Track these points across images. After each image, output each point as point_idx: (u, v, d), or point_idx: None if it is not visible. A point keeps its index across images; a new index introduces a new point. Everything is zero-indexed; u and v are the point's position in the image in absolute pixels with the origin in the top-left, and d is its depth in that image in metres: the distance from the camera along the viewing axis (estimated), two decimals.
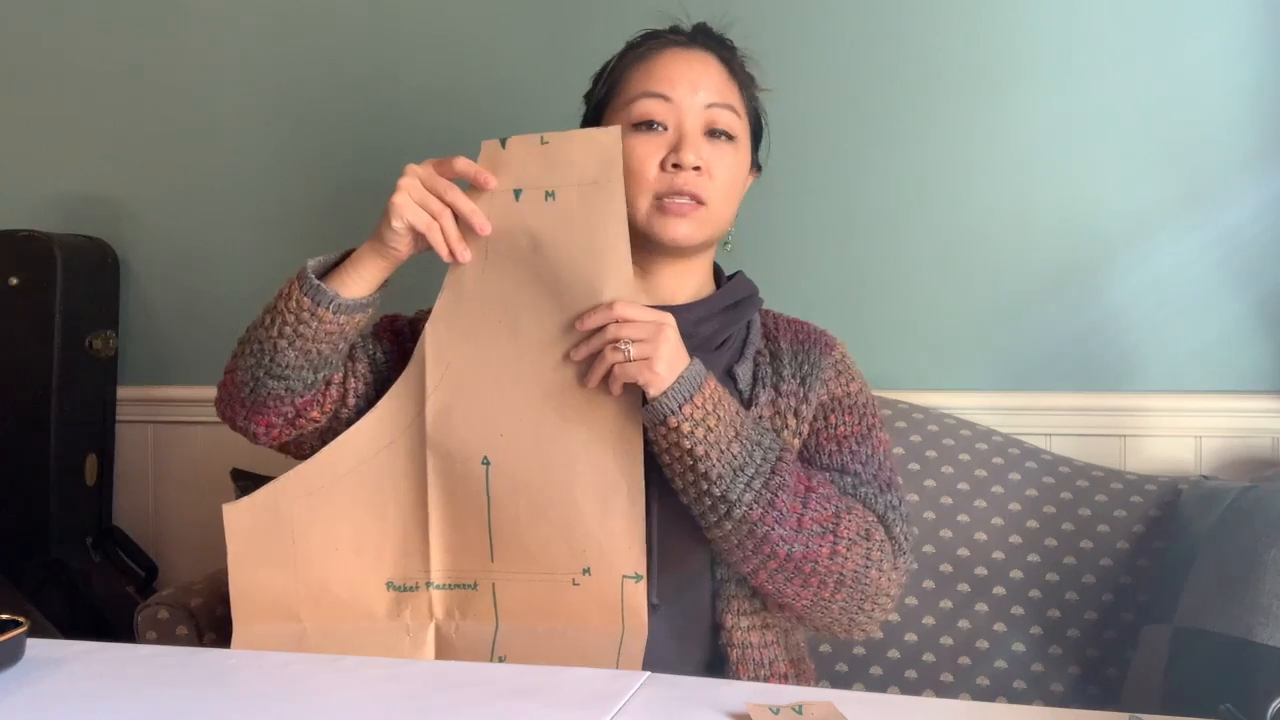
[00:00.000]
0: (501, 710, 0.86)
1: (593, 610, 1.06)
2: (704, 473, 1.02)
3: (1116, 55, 1.60)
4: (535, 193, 1.06)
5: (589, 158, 1.05)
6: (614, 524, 1.05)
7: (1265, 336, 1.57)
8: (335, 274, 1.09)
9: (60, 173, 2.03)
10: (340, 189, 1.88)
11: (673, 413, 1.01)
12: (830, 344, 1.23)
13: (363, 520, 1.11)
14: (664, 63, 1.17)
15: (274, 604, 1.11)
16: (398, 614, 1.11)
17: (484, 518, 1.08)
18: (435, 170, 1.06)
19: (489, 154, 1.07)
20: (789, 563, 1.04)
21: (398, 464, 1.10)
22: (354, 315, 1.08)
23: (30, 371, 1.87)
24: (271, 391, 1.10)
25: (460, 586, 1.10)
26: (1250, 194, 1.56)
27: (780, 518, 1.03)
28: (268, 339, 1.08)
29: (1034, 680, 1.41)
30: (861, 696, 0.91)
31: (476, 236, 1.06)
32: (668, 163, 1.13)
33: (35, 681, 0.91)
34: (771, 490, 1.03)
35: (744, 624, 1.13)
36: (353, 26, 1.89)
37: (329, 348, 1.09)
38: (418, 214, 1.05)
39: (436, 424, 1.09)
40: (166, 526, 1.99)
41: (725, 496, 1.02)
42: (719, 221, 1.17)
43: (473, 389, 1.08)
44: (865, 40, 1.68)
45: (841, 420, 1.18)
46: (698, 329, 1.16)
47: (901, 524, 1.11)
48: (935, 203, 1.66)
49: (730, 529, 1.03)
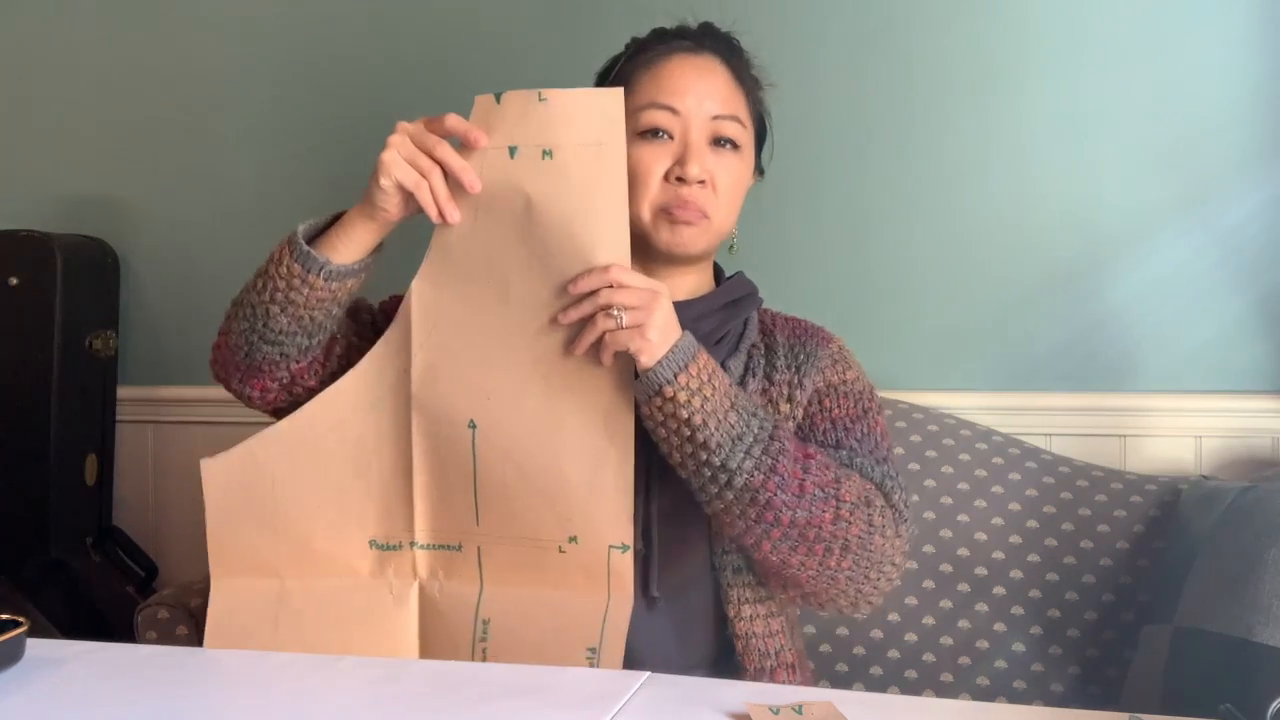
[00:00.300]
0: (500, 710, 0.86)
1: (578, 578, 1.05)
2: (703, 442, 1.01)
3: (1117, 55, 1.60)
4: (532, 150, 1.02)
5: (590, 118, 1.01)
6: (602, 493, 1.04)
7: (1265, 336, 1.57)
8: (325, 238, 1.07)
9: (60, 173, 2.04)
10: (341, 189, 1.86)
11: (668, 382, 1.00)
12: (827, 338, 1.24)
13: (345, 478, 1.09)
14: (671, 71, 1.17)
15: (253, 559, 1.11)
16: (381, 572, 1.10)
17: (470, 481, 1.07)
18: (426, 127, 1.03)
19: (483, 110, 1.03)
20: (793, 529, 1.03)
21: (382, 423, 1.09)
22: (345, 281, 1.07)
23: (30, 371, 1.87)
24: (266, 356, 1.09)
25: (445, 548, 1.09)
26: (1250, 194, 1.56)
27: (782, 483, 1.01)
28: (259, 304, 1.07)
29: (1034, 680, 1.41)
30: (861, 696, 0.91)
31: (466, 195, 1.03)
32: (672, 175, 1.14)
33: (35, 681, 0.91)
34: (772, 456, 1.02)
35: (747, 613, 1.12)
36: (355, 26, 1.89)
37: (322, 314, 1.08)
38: (406, 171, 1.02)
39: (422, 384, 1.07)
40: (166, 526, 1.99)
41: (725, 465, 1.01)
42: (721, 230, 1.18)
43: (460, 350, 1.06)
44: (865, 40, 1.68)
45: (837, 404, 1.18)
46: (696, 325, 1.16)
47: (900, 492, 1.11)
48: (935, 203, 1.66)
49: (732, 498, 1.02)
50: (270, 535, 1.10)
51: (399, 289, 1.20)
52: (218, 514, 1.11)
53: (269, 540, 1.10)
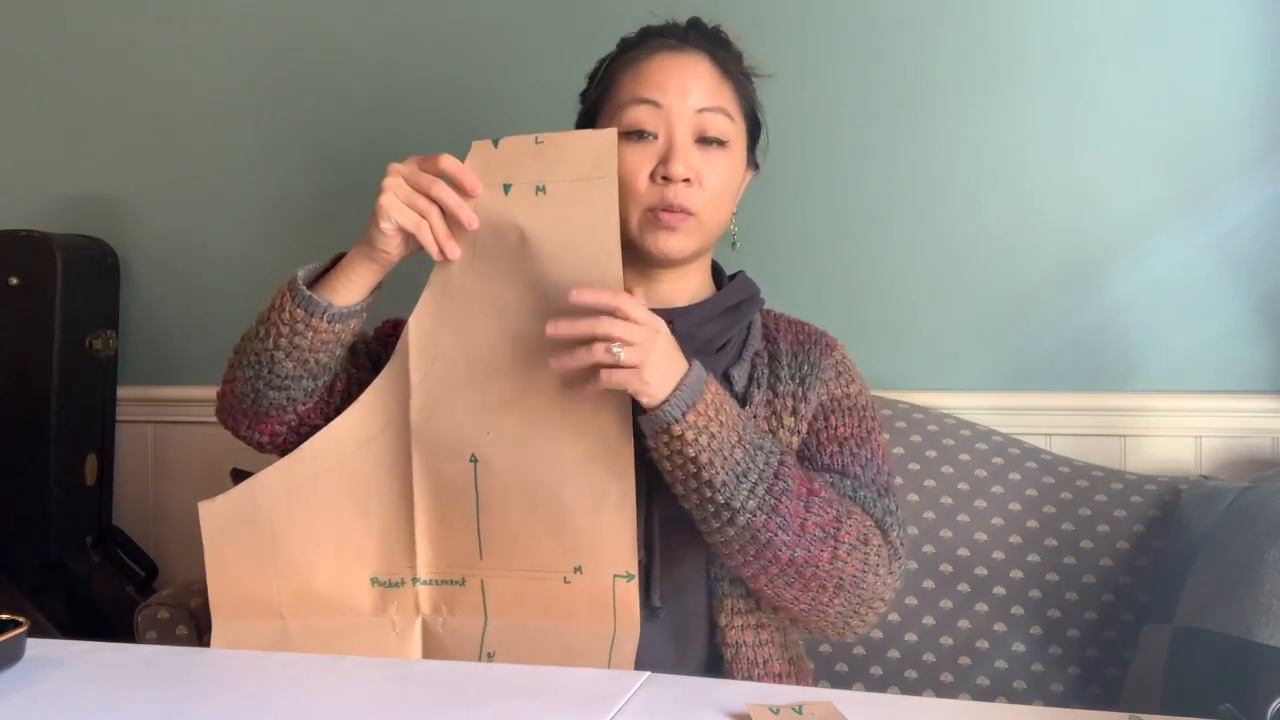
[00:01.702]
0: (501, 710, 0.86)
1: (584, 608, 1.05)
2: (707, 480, 1.01)
3: (1117, 55, 1.60)
4: (525, 187, 1.03)
5: (584, 156, 1.03)
6: (605, 522, 1.04)
7: (1265, 336, 1.57)
8: (326, 281, 1.07)
9: (60, 173, 2.04)
10: (341, 189, 1.88)
11: (675, 421, 0.99)
12: (830, 345, 1.23)
13: (345, 515, 1.10)
14: (654, 67, 1.16)
15: (254, 601, 1.10)
16: (383, 610, 1.10)
17: (472, 515, 1.07)
18: (419, 167, 1.04)
19: (480, 154, 1.04)
20: (790, 568, 1.04)
21: (381, 459, 1.09)
22: (349, 322, 1.07)
23: (30, 371, 1.87)
24: (273, 402, 1.09)
25: (447, 583, 1.09)
26: (1250, 194, 1.56)
27: (783, 524, 1.02)
28: (264, 351, 1.07)
29: (1034, 680, 1.41)
30: (861, 696, 0.91)
31: (465, 231, 1.04)
32: (657, 174, 1.12)
33: (35, 681, 0.91)
34: (775, 496, 1.02)
35: (738, 623, 1.12)
36: (354, 27, 1.89)
37: (326, 355, 1.08)
38: (405, 214, 1.02)
39: (422, 420, 1.07)
40: (166, 526, 1.99)
41: (729, 504, 1.01)
42: (710, 230, 1.16)
43: (459, 385, 1.07)
44: (865, 40, 1.68)
45: (842, 422, 1.17)
46: (698, 331, 1.16)
47: (898, 529, 1.11)
48: (935, 203, 1.66)
49: (733, 535, 1.02)
50: (272, 576, 1.10)
51: (388, 312, 1.20)
52: (217, 556, 1.10)
53: (270, 581, 1.10)
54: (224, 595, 1.11)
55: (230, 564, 1.10)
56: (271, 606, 1.10)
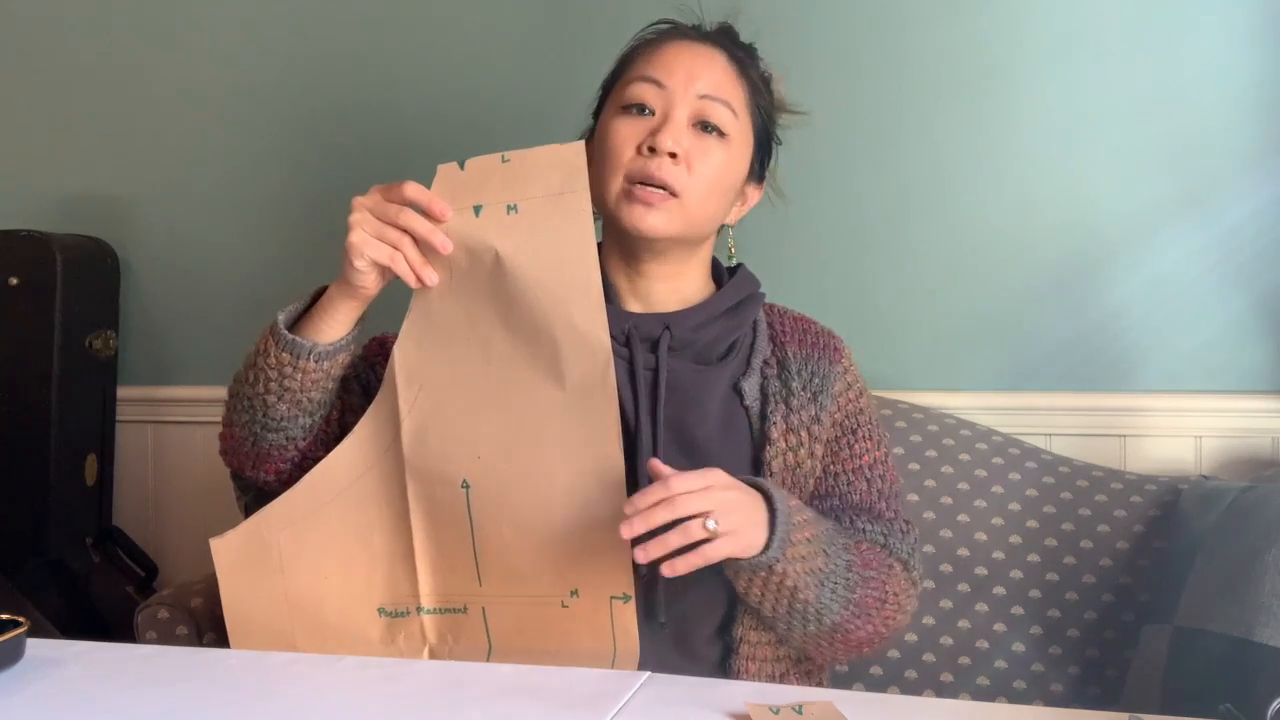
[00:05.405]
0: (501, 710, 0.86)
1: (583, 632, 1.05)
2: (802, 599, 1.02)
3: (1117, 55, 1.60)
4: (496, 207, 1.01)
5: (553, 171, 1.01)
6: (599, 544, 1.03)
7: (1265, 336, 1.57)
8: (308, 320, 1.06)
9: (60, 173, 2.03)
10: (341, 189, 1.86)
11: (778, 561, 0.99)
12: (837, 350, 1.21)
13: (349, 547, 1.09)
14: (668, 51, 1.14)
15: (270, 634, 1.10)
16: (391, 640, 1.10)
17: (468, 541, 1.07)
18: (384, 197, 1.01)
19: (446, 178, 1.02)
20: (834, 633, 1.07)
21: (378, 489, 1.08)
22: (337, 357, 1.06)
23: (30, 372, 1.87)
24: (272, 443, 1.09)
25: (450, 610, 1.09)
26: (1250, 194, 1.56)
27: (857, 611, 1.06)
28: (256, 396, 1.06)
29: (1034, 680, 1.41)
30: (861, 696, 0.92)
31: (439, 255, 1.02)
32: (644, 146, 1.10)
33: (35, 681, 0.91)
34: (850, 589, 1.05)
35: (739, 633, 1.11)
36: (354, 28, 1.89)
37: (319, 393, 1.07)
38: (377, 249, 1.00)
39: (413, 447, 1.06)
40: (166, 526, 1.99)
41: (819, 612, 1.04)
42: (694, 218, 1.12)
43: (447, 411, 1.06)
44: (865, 40, 1.68)
45: (865, 448, 1.17)
46: (696, 336, 1.14)
47: (919, 567, 1.14)
48: (935, 203, 1.66)
49: (814, 631, 1.05)
50: (284, 609, 1.10)
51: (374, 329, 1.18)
52: (232, 590, 1.11)
53: (283, 613, 1.10)
54: (241, 629, 1.11)
55: (244, 598, 1.11)
56: (287, 638, 1.10)
